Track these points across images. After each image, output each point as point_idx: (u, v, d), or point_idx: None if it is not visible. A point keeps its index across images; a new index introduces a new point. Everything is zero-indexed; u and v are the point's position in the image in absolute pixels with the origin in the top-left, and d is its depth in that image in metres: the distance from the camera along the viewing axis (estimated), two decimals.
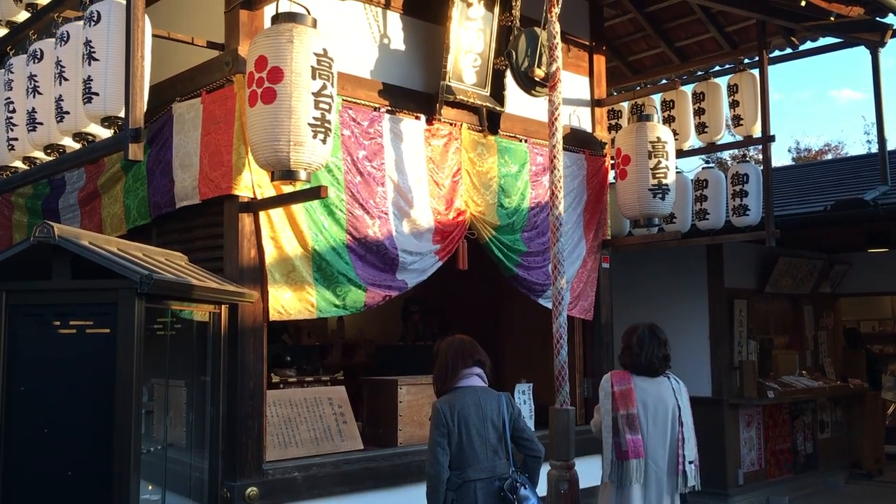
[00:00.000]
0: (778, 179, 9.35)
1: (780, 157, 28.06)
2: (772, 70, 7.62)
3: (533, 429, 6.22)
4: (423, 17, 5.71)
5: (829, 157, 23.89)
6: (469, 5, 5.67)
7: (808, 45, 7.87)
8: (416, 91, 5.61)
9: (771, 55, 7.82)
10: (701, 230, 7.54)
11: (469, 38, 5.71)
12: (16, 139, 4.52)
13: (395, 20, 5.61)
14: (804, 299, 10.02)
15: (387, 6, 5.56)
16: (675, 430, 4.53)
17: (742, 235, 7.45)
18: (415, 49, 5.69)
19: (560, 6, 4.95)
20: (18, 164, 4.70)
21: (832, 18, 6.56)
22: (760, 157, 7.69)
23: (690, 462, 4.53)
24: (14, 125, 4.49)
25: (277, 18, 4.31)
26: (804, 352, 10.03)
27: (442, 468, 3.87)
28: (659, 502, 4.51)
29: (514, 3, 5.76)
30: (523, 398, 6.29)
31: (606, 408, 4.54)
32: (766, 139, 7.33)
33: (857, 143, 34.14)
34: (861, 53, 7.71)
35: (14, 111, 4.49)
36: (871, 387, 10.20)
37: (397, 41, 5.61)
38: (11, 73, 4.52)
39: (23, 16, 4.73)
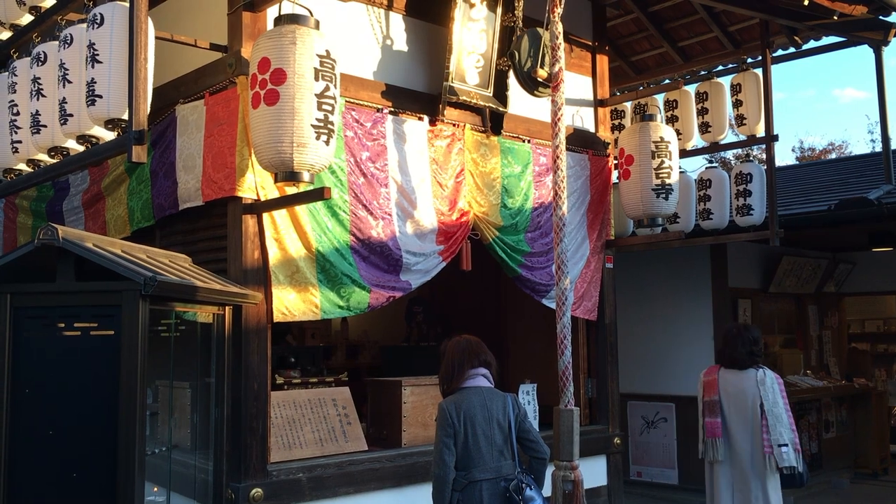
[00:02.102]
0: (782, 179, 9.35)
1: (784, 156, 28.04)
2: (775, 69, 7.61)
3: (537, 429, 6.25)
4: (425, 17, 5.71)
5: (833, 156, 23.85)
6: (472, 6, 5.67)
7: (812, 44, 7.85)
8: (419, 92, 5.62)
9: (774, 54, 7.81)
10: (704, 230, 7.53)
11: (472, 39, 5.71)
12: (20, 142, 4.53)
13: (397, 21, 5.62)
14: (808, 299, 10.00)
15: (389, 7, 5.56)
16: (756, 417, 5.27)
17: (746, 235, 7.44)
18: (417, 50, 5.70)
19: (563, 6, 4.95)
20: (22, 166, 4.71)
21: (835, 17, 6.55)
22: (764, 156, 7.68)
23: (781, 445, 5.17)
24: (18, 128, 4.50)
25: (280, 20, 4.31)
26: (809, 351, 10.01)
27: (448, 469, 3.85)
28: (743, 479, 5.30)
29: (516, 4, 5.76)
30: (527, 398, 6.29)
31: (699, 395, 5.54)
32: (770, 139, 7.31)
33: (861, 142, 34.03)
34: (864, 52, 7.68)
35: (18, 114, 4.49)
36: None
37: (400, 42, 5.62)
38: (15, 75, 4.53)
39: (26, 18, 4.74)
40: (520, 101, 6.01)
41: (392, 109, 5.37)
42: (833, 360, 10.28)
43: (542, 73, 5.49)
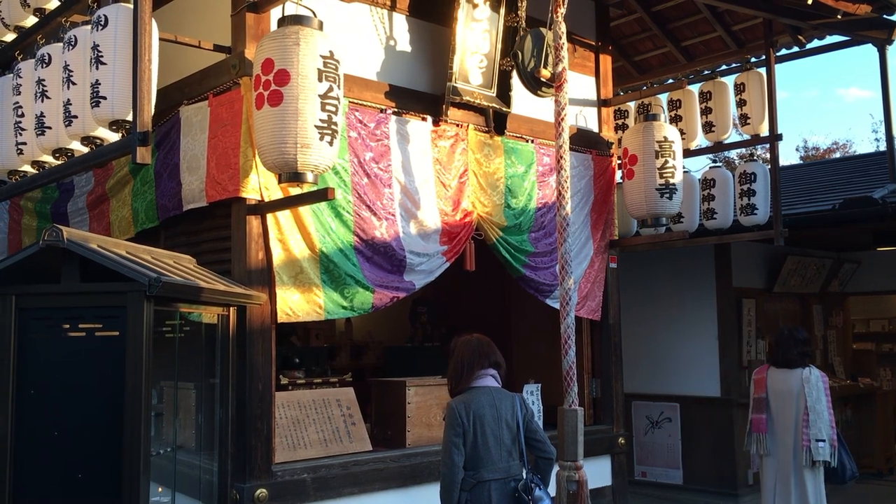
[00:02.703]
0: (786, 178, 9.32)
1: (788, 155, 28.01)
2: (779, 68, 7.60)
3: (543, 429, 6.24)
4: (428, 18, 5.72)
5: (837, 155, 23.80)
6: (475, 6, 5.67)
7: (816, 43, 7.84)
8: (423, 92, 5.62)
9: (778, 54, 7.80)
10: (709, 229, 7.52)
11: (475, 39, 5.71)
12: (24, 143, 4.54)
13: (400, 22, 5.62)
14: (813, 298, 9.98)
15: (392, 8, 5.57)
16: (800, 413, 5.67)
17: (750, 235, 7.43)
18: (421, 50, 5.70)
19: (566, 6, 4.95)
20: (27, 168, 4.72)
21: (839, 17, 6.54)
22: (768, 155, 7.67)
23: (818, 440, 5.57)
24: (22, 129, 4.51)
25: (284, 21, 4.32)
26: (814, 351, 9.98)
27: (456, 468, 3.84)
28: (785, 471, 5.76)
29: (519, 4, 5.75)
30: (532, 399, 6.29)
31: (750, 392, 6.08)
32: (774, 138, 7.30)
33: (866, 142, 33.98)
34: (869, 51, 7.66)
35: (22, 115, 4.50)
36: None
37: (403, 43, 5.62)
38: (20, 77, 4.54)
39: (31, 20, 4.75)
40: (523, 102, 6.01)
41: (395, 110, 5.37)
42: (838, 360, 10.25)
43: (546, 73, 5.48)
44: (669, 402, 8.70)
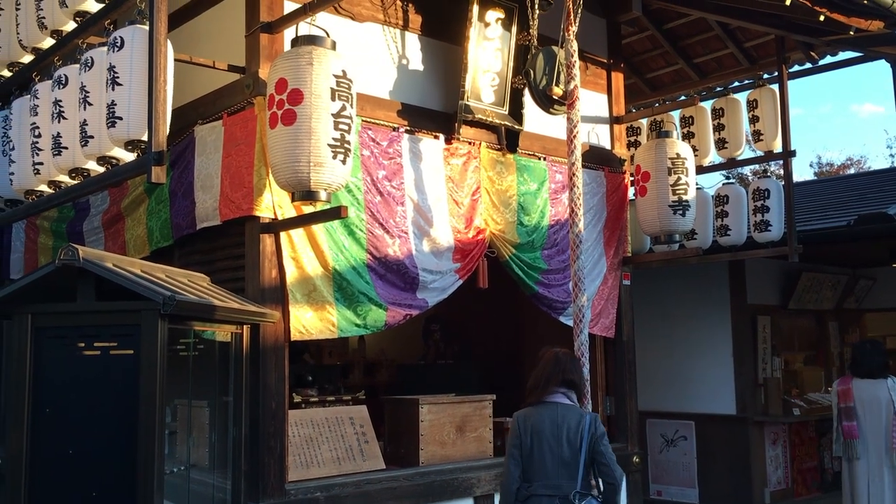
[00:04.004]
0: (800, 194, 9.29)
1: (802, 171, 27.86)
2: (792, 84, 7.59)
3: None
4: (440, 37, 5.75)
5: (852, 171, 23.67)
6: (487, 25, 5.70)
7: (828, 59, 7.83)
8: (435, 111, 5.64)
9: (790, 70, 7.79)
10: (722, 246, 7.49)
11: (487, 58, 5.74)
12: (41, 163, 4.58)
13: (413, 41, 5.66)
14: (829, 315, 9.91)
15: (405, 27, 5.61)
16: (888, 418, 6.41)
17: (764, 251, 7.39)
18: (433, 69, 5.73)
19: (577, 25, 4.97)
20: (44, 187, 4.75)
21: (851, 33, 6.52)
22: (781, 172, 7.65)
23: None
24: (39, 150, 4.55)
25: (297, 41, 4.36)
26: (830, 368, 9.90)
27: (512, 478, 3.94)
28: (879, 473, 6.45)
29: (531, 23, 5.78)
30: None
31: (834, 402, 6.75)
32: (787, 154, 7.28)
33: (880, 157, 33.81)
34: (882, 67, 7.65)
35: (39, 136, 4.55)
36: None
37: (415, 62, 5.65)
38: (37, 98, 4.59)
39: (48, 42, 4.81)
40: (535, 119, 6.03)
41: (408, 128, 5.40)
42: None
43: (558, 91, 5.50)
44: (684, 419, 8.64)
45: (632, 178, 6.87)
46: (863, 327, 10.60)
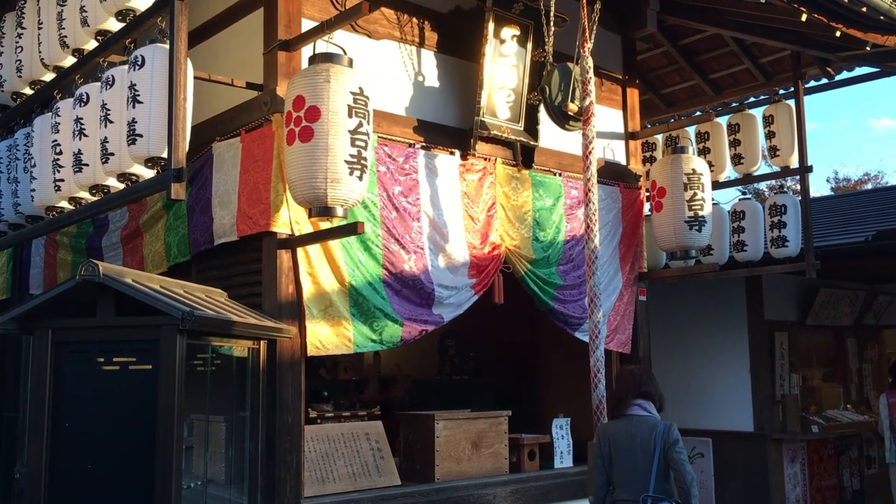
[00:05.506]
0: (817, 210, 9.24)
1: (819, 187, 27.69)
2: (808, 99, 7.57)
3: (571, 464, 6.19)
4: (456, 54, 5.79)
5: (869, 186, 23.53)
6: (502, 42, 5.73)
7: (845, 74, 7.81)
8: (451, 127, 5.67)
9: (806, 85, 7.77)
10: (739, 262, 7.46)
11: (502, 74, 5.77)
12: (62, 180, 4.63)
13: (429, 58, 5.69)
14: (847, 331, 9.82)
15: (421, 45, 5.65)
16: None
17: (781, 267, 7.35)
18: (449, 86, 5.76)
19: (592, 41, 4.99)
20: (64, 204, 4.81)
21: (868, 48, 6.51)
22: (798, 187, 7.62)
23: None
24: (60, 167, 4.61)
25: (314, 59, 4.40)
26: (848, 385, 9.81)
27: (598, 485, 4.35)
28: None
29: (546, 39, 5.81)
30: (561, 433, 6.24)
31: (884, 414, 7.83)
32: (804, 170, 7.26)
33: None
34: None
35: (60, 153, 4.60)
36: None
37: (431, 78, 5.69)
38: (58, 116, 4.64)
39: (69, 61, 4.87)
40: (550, 135, 6.04)
41: (424, 144, 5.43)
42: (874, 394, 10.03)
43: (573, 107, 5.52)
44: (701, 436, 8.56)
45: (647, 194, 6.86)
46: (881, 343, 10.50)
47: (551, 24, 5.73)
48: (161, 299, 3.75)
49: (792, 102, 7.43)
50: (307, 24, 4.95)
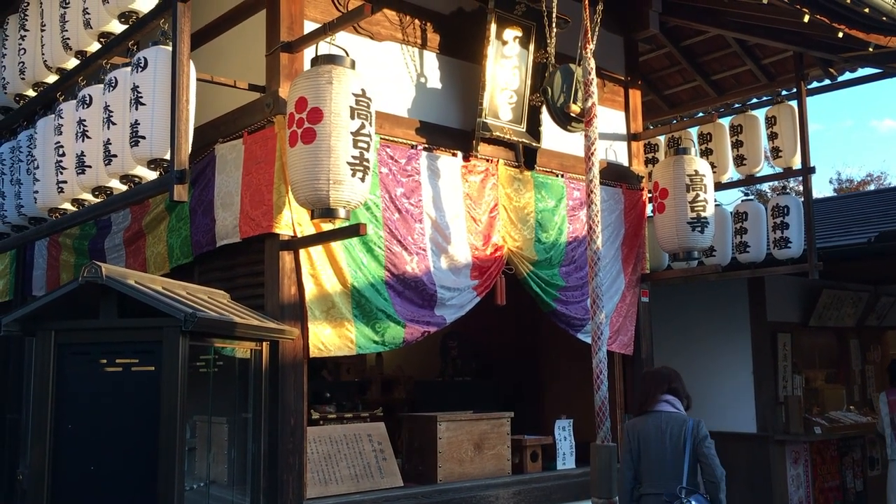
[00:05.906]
0: (820, 211, 9.23)
1: (821, 188, 27.71)
2: (811, 100, 7.58)
3: (574, 466, 6.19)
4: (458, 55, 5.79)
5: (872, 187, 23.51)
6: (504, 43, 5.73)
7: (847, 75, 7.80)
8: (453, 128, 5.67)
9: (809, 86, 7.77)
10: (741, 263, 7.45)
11: (505, 76, 5.77)
12: (65, 182, 4.64)
13: (431, 59, 5.70)
14: (850, 332, 9.81)
15: (423, 46, 5.65)
16: None
17: (784, 268, 7.35)
18: (451, 87, 5.76)
19: (595, 42, 4.99)
20: (67, 206, 4.82)
21: (871, 49, 6.51)
22: (801, 188, 7.61)
23: None
24: (63, 168, 4.62)
25: (317, 60, 4.41)
26: (851, 386, 9.79)
27: (626, 479, 4.48)
28: None
29: (548, 41, 5.81)
30: (563, 434, 6.23)
31: (884, 412, 7.80)
32: (807, 171, 7.26)
33: None
34: None
35: (63, 155, 4.61)
36: None
37: (433, 80, 5.69)
38: (61, 118, 4.65)
39: (72, 63, 4.88)
40: (553, 136, 6.04)
41: (426, 146, 5.43)
42: (877, 396, 10.03)
43: (575, 109, 5.52)
44: None
45: (650, 195, 6.86)
46: (884, 345, 10.48)
47: (553, 25, 5.73)
48: (164, 301, 3.76)
49: (794, 103, 7.43)
50: (309, 26, 4.96)
